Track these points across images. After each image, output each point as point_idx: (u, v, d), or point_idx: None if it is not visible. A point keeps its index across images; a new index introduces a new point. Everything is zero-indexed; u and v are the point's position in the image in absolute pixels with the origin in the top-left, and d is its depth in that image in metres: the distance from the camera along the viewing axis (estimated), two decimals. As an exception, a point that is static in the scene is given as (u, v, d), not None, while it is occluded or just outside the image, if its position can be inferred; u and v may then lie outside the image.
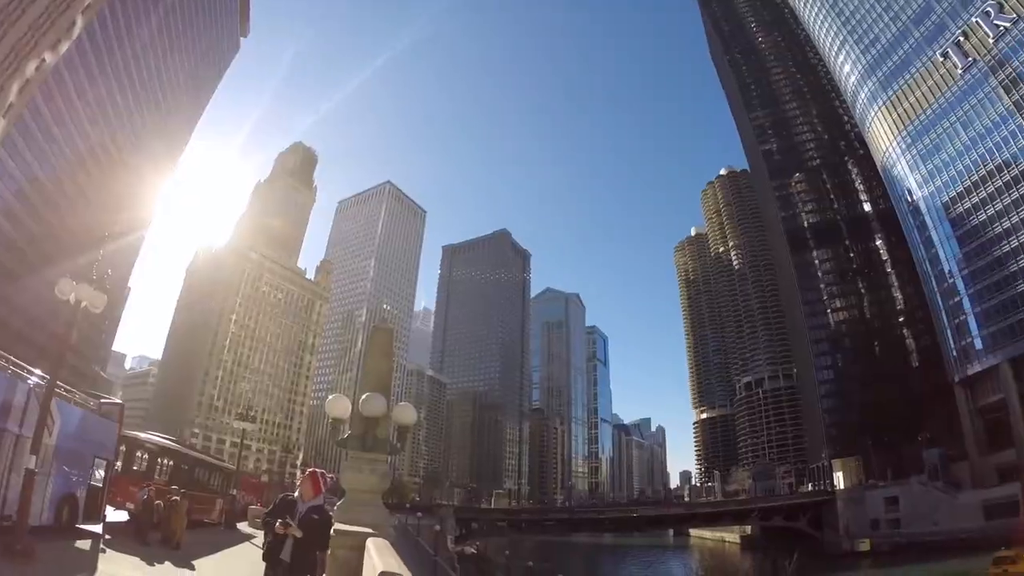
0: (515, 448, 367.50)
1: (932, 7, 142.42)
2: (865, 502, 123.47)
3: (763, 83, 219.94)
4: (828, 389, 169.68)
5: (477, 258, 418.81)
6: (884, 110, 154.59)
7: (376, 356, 16.59)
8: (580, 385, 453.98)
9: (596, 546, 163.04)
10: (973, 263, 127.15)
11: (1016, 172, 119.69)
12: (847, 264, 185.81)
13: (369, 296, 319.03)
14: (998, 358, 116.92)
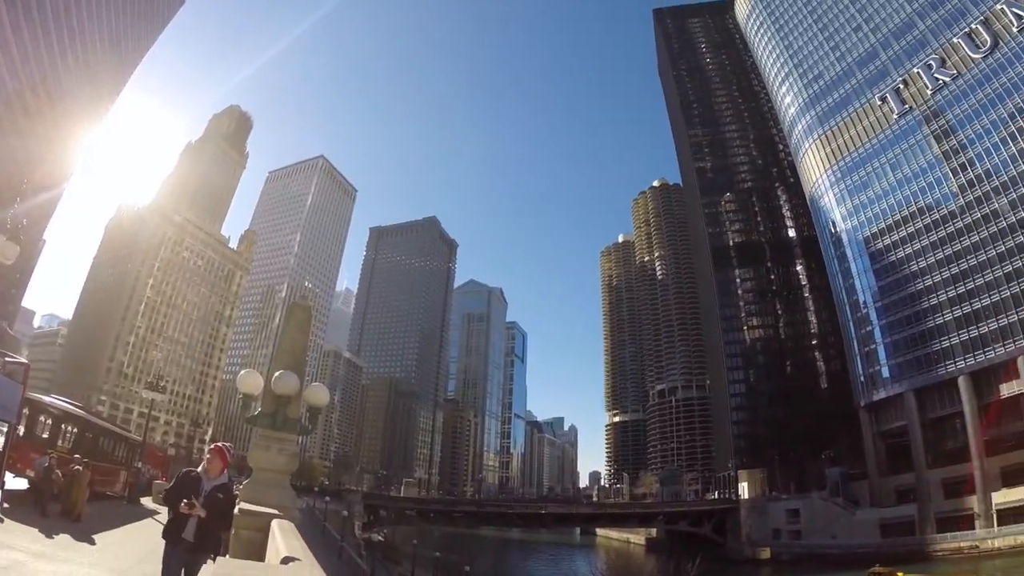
0: (428, 437, 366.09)
1: (878, 53, 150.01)
2: (768, 512, 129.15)
3: (705, 102, 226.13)
4: (739, 402, 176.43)
5: (404, 243, 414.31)
6: (819, 143, 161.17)
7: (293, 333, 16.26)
8: (496, 379, 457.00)
9: (504, 540, 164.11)
10: (887, 297, 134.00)
11: (936, 217, 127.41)
12: (767, 285, 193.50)
13: (291, 271, 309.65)
14: (903, 387, 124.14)
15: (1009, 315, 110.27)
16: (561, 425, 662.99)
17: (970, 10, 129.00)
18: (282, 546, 7.23)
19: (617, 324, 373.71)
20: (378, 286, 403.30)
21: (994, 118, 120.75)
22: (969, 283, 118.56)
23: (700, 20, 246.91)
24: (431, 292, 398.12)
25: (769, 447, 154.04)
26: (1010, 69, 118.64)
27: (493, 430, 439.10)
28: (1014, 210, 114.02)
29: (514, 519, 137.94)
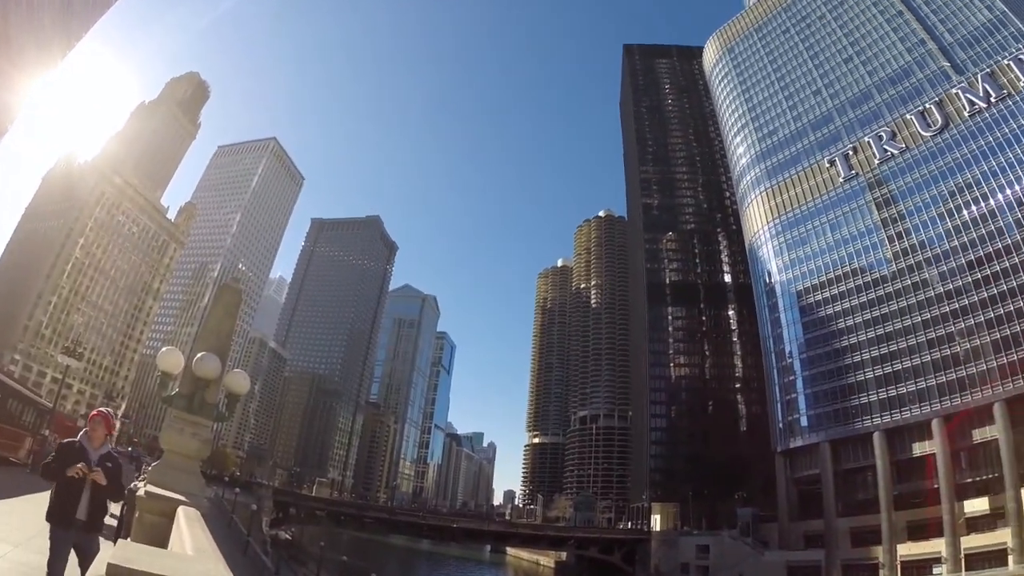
0: (345, 438, 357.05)
1: (832, 118, 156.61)
2: (678, 546, 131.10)
3: (660, 141, 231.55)
4: (658, 436, 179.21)
5: (344, 238, 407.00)
6: (765, 195, 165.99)
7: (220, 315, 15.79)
8: (420, 387, 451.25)
9: (413, 551, 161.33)
10: (813, 349, 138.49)
11: (869, 279, 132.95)
12: (698, 325, 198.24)
13: (227, 251, 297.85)
14: (820, 437, 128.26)
15: (927, 379, 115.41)
16: (480, 441, 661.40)
17: (927, 90, 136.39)
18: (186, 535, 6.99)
19: (546, 347, 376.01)
20: (312, 278, 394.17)
21: (935, 194, 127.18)
22: (892, 345, 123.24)
23: (668, 62, 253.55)
24: (365, 291, 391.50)
25: (684, 482, 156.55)
26: (956, 150, 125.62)
27: (412, 438, 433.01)
28: (943, 281, 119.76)
29: (425, 530, 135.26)
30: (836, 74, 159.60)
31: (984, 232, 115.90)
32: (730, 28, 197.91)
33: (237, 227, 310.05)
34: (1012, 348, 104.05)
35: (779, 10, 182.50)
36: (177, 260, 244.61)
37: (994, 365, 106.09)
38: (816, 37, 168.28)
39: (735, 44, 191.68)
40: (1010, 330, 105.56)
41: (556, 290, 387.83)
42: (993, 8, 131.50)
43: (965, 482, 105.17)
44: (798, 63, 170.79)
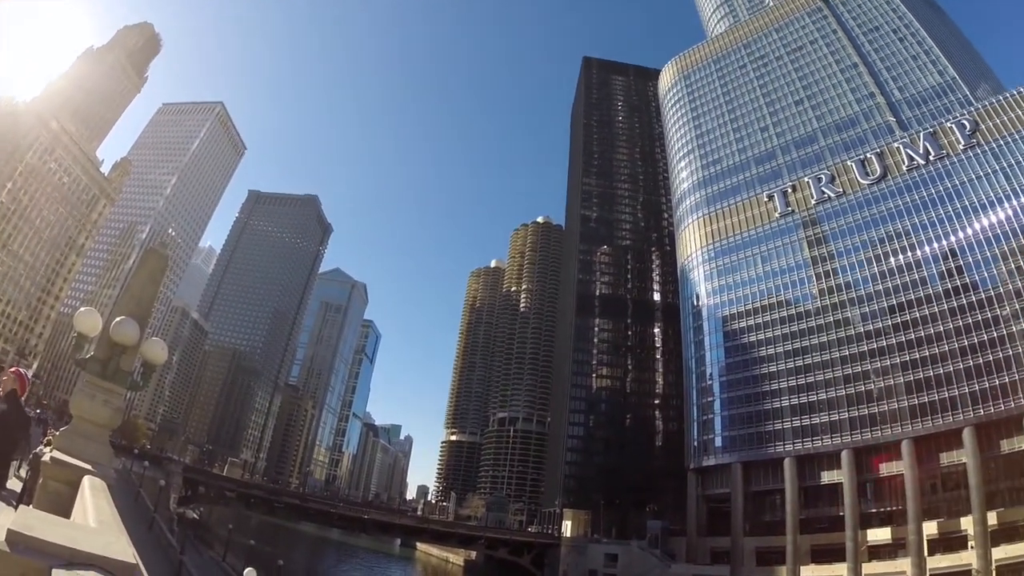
0: (261, 419, 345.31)
1: (776, 155, 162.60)
2: (587, 553, 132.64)
3: (606, 156, 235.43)
4: (575, 444, 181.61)
5: (279, 214, 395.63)
6: (702, 221, 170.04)
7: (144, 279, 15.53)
8: (342, 374, 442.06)
9: (322, 539, 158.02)
10: (733, 373, 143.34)
11: (793, 312, 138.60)
12: (623, 339, 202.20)
13: (158, 214, 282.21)
14: (733, 458, 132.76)
15: (840, 412, 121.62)
16: (398, 433, 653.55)
17: (870, 141, 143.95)
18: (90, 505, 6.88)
19: (471, 346, 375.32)
20: (243, 252, 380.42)
21: (865, 239, 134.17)
22: (810, 377, 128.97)
23: (624, 79, 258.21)
24: (295, 271, 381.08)
25: (597, 491, 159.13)
26: (890, 201, 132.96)
27: (329, 425, 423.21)
28: (864, 322, 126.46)
29: (336, 520, 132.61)
30: (785, 114, 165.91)
31: (908, 280, 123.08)
32: (689, 56, 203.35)
33: (172, 190, 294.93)
34: (924, 391, 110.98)
35: (739, 46, 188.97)
36: (106, 217, 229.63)
37: (905, 405, 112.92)
38: (771, 76, 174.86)
39: (692, 72, 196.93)
40: (923, 374, 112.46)
41: (487, 290, 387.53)
42: (945, 73, 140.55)
43: (869, 512, 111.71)
44: (750, 98, 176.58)
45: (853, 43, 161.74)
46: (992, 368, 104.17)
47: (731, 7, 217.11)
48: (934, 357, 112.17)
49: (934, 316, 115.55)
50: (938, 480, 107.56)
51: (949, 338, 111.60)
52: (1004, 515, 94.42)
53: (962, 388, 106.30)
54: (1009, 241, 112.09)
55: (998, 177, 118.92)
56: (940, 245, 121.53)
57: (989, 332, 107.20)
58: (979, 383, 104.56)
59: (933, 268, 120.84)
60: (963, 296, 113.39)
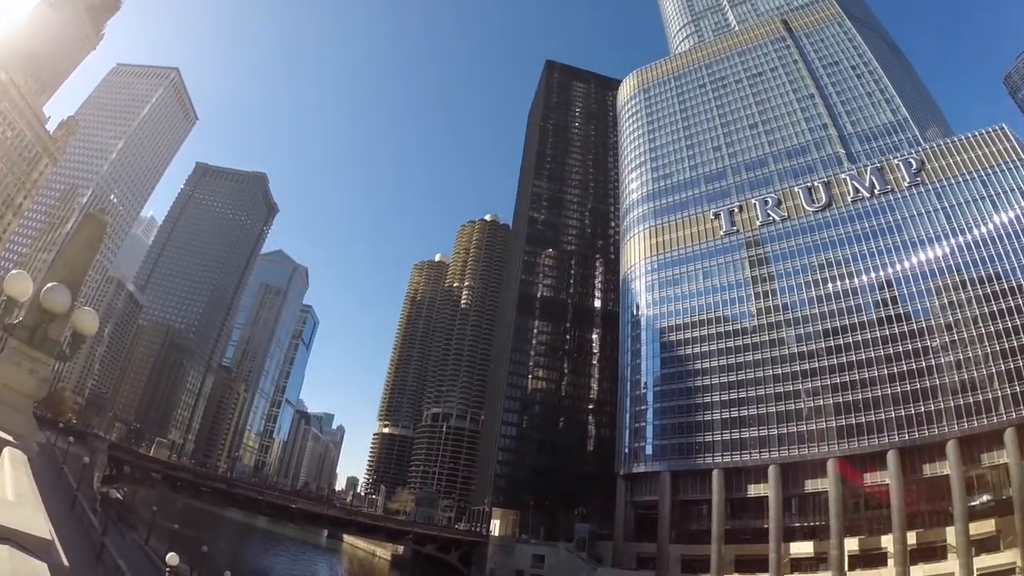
0: (192, 400, 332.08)
1: (726, 175, 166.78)
2: (515, 553, 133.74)
3: (559, 160, 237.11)
4: (507, 444, 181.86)
5: (226, 190, 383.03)
6: (648, 232, 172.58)
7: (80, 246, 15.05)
8: (277, 359, 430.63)
9: (249, 527, 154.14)
10: (667, 384, 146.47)
11: (731, 329, 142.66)
12: (561, 343, 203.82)
13: (101, 178, 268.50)
14: (662, 467, 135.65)
15: (770, 428, 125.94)
16: (330, 422, 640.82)
17: (818, 170, 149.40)
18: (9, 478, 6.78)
19: (409, 338, 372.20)
20: (185, 225, 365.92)
21: (806, 263, 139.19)
22: (742, 392, 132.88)
23: (584, 86, 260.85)
24: (237, 249, 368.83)
25: (527, 491, 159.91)
26: (833, 229, 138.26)
27: (260, 410, 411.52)
28: (798, 343, 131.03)
29: (263, 507, 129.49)
30: (739, 136, 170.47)
31: (844, 306, 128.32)
32: (650, 70, 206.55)
33: (117, 154, 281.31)
34: (852, 413, 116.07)
35: (700, 66, 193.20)
36: (47, 177, 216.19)
37: (833, 426, 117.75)
38: (729, 98, 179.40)
39: (652, 86, 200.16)
40: (852, 397, 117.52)
41: (429, 284, 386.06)
42: (897, 112, 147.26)
43: (794, 526, 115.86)
44: (706, 117, 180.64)
45: (812, 75, 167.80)
46: (919, 396, 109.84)
47: (697, 27, 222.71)
48: (864, 381, 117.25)
49: (867, 342, 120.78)
50: (861, 499, 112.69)
51: (880, 364, 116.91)
52: (923, 535, 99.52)
53: (889, 413, 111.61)
54: (944, 277, 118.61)
55: (939, 216, 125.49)
56: (878, 275, 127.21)
57: (919, 361, 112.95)
58: (905, 409, 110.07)
59: (869, 296, 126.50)
60: (896, 325, 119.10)
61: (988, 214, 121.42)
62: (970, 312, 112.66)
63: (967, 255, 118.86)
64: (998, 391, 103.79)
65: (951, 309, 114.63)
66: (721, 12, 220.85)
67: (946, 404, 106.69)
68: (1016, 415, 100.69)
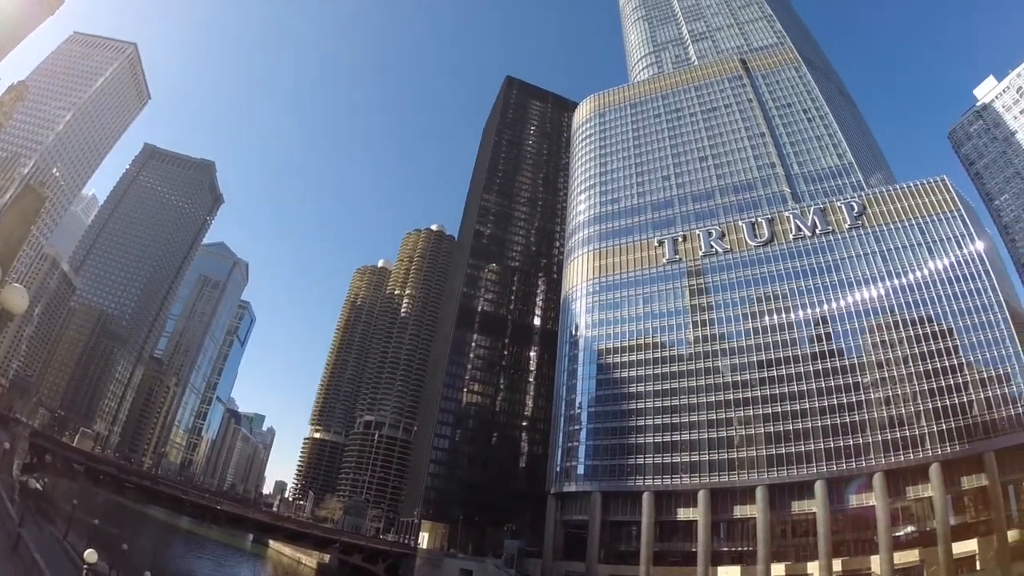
0: (120, 391, 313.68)
1: (673, 204, 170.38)
2: (443, 566, 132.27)
3: (510, 176, 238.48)
4: (439, 456, 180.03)
5: (172, 175, 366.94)
6: (591, 255, 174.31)
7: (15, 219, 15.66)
8: (210, 354, 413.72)
9: (172, 527, 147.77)
10: (602, 406, 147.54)
11: (668, 355, 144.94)
12: (498, 358, 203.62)
13: (45, 149, 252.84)
14: (593, 487, 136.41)
15: (701, 454, 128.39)
16: (261, 423, 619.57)
17: (762, 206, 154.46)
18: None
19: (347, 343, 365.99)
20: (127, 207, 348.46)
21: (744, 295, 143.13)
22: (676, 418, 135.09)
23: (542, 105, 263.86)
24: (178, 237, 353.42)
25: (457, 505, 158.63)
26: (773, 264, 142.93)
27: (190, 406, 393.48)
28: (733, 372, 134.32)
29: (188, 507, 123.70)
30: (688, 167, 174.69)
31: (779, 339, 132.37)
32: (608, 96, 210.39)
33: (65, 126, 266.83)
34: (782, 443, 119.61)
35: (658, 96, 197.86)
36: None
37: (763, 454, 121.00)
38: (682, 130, 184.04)
39: (608, 111, 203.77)
40: (783, 427, 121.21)
41: (370, 289, 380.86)
42: (843, 157, 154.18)
43: (722, 550, 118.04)
44: (658, 147, 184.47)
45: (765, 114, 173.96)
46: (849, 429, 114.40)
47: (658, 58, 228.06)
48: (796, 413, 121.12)
49: (800, 375, 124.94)
50: (789, 526, 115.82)
51: (812, 397, 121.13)
52: (848, 563, 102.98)
53: (818, 444, 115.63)
54: (878, 317, 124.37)
55: (876, 258, 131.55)
56: (814, 311, 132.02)
57: (849, 396, 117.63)
58: (835, 441, 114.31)
59: (804, 332, 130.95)
60: (829, 361, 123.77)
61: (924, 260, 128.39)
62: (901, 352, 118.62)
63: (901, 297, 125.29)
64: (924, 428, 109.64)
65: (883, 348, 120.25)
66: (683, 46, 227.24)
67: (874, 438, 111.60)
68: (942, 451, 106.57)
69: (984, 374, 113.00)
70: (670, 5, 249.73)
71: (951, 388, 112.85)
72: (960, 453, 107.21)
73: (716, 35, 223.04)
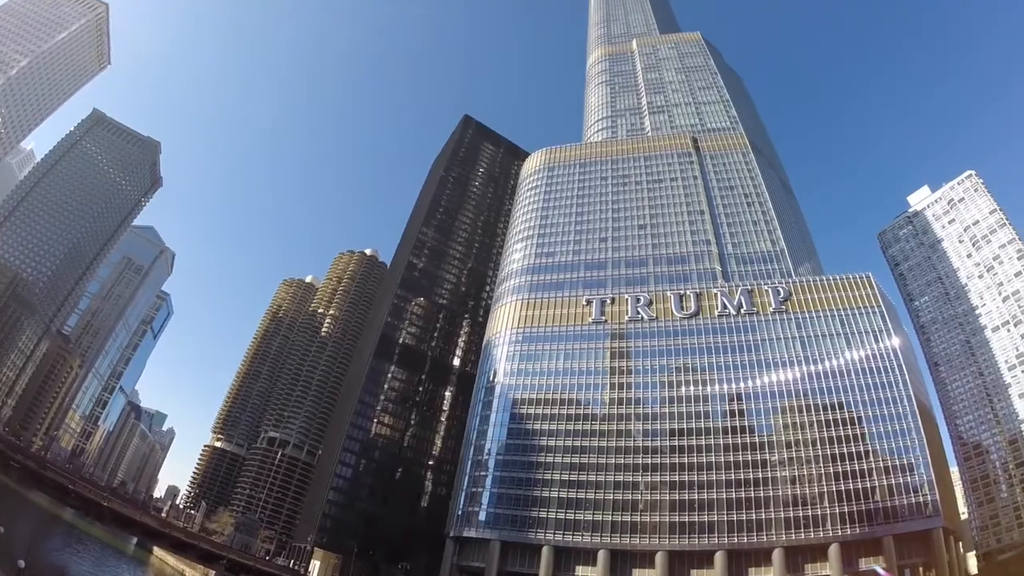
0: (20, 362, 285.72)
1: (606, 266, 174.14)
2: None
3: (451, 213, 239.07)
4: (341, 484, 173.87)
5: (116, 147, 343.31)
6: (519, 304, 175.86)
7: None
8: (121, 341, 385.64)
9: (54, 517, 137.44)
10: (511, 455, 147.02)
11: (583, 412, 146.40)
12: (413, 393, 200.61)
13: None
14: (493, 535, 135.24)
15: (604, 514, 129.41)
16: (162, 422, 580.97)
17: (692, 280, 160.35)
18: None
19: (263, 354, 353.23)
20: (63, 170, 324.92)
21: (664, 364, 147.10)
22: (583, 476, 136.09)
23: (494, 149, 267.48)
24: (108, 212, 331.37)
25: (352, 537, 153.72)
26: (695, 337, 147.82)
27: (91, 392, 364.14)
28: (645, 437, 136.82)
29: (73, 498, 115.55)
30: (626, 232, 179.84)
31: (694, 410, 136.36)
32: (560, 151, 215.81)
33: (18, 72, 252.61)
34: (687, 511, 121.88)
35: (607, 159, 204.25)
36: None
37: (667, 520, 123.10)
38: (626, 196, 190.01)
39: (557, 166, 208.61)
40: (689, 496, 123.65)
41: (294, 303, 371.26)
42: (776, 244, 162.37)
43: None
44: (600, 209, 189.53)
45: (707, 193, 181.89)
46: (753, 504, 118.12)
47: (614, 123, 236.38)
48: (703, 483, 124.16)
49: (710, 447, 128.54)
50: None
51: (719, 469, 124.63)
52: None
53: (722, 516, 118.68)
54: (791, 399, 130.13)
55: (795, 343, 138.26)
56: (730, 387, 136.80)
57: (756, 472, 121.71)
58: (738, 514, 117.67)
59: (719, 405, 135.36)
60: (740, 436, 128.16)
61: (841, 349, 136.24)
62: (811, 434, 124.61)
63: (816, 383, 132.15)
64: (827, 509, 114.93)
65: (793, 429, 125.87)
66: (640, 116, 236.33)
67: (777, 515, 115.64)
68: (842, 532, 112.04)
69: (889, 462, 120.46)
70: (635, 75, 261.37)
71: (856, 473, 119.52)
72: (860, 536, 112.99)
73: (673, 111, 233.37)
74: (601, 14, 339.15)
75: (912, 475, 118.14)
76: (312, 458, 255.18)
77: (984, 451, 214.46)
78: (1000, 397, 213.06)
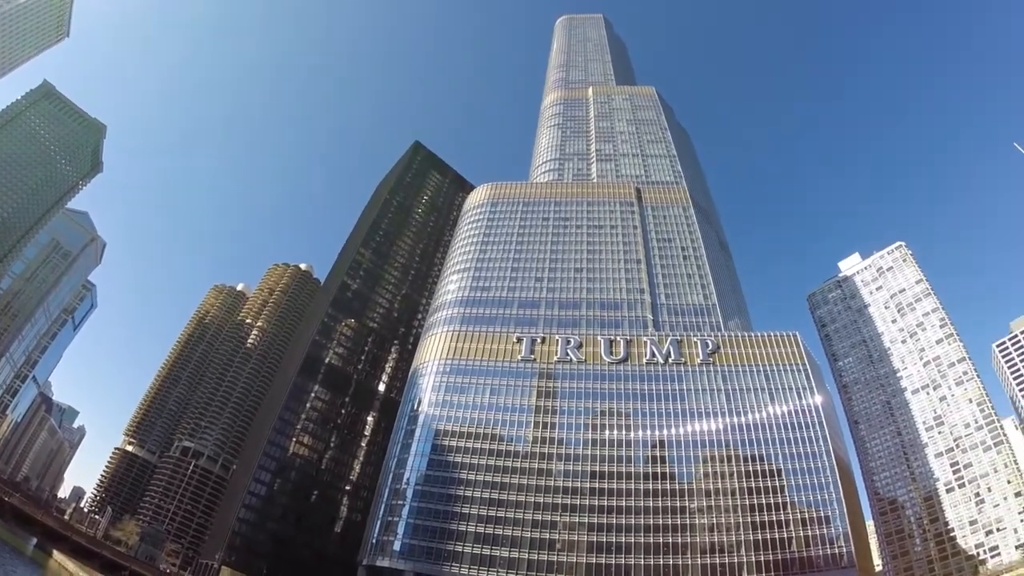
0: None
1: (539, 305, 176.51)
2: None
3: (390, 238, 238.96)
4: (253, 502, 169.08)
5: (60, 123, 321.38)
6: (449, 335, 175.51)
7: None
8: (39, 327, 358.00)
9: None
10: (430, 486, 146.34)
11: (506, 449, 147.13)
12: (335, 415, 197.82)
13: None
14: (408, 566, 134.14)
15: (523, 552, 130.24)
16: (73, 419, 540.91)
17: (623, 327, 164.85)
18: None
19: (184, 359, 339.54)
20: (9, 139, 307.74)
21: (589, 406, 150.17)
22: (502, 512, 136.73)
23: (440, 178, 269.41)
24: (43, 191, 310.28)
25: (262, 558, 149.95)
26: (622, 382, 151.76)
27: (2, 377, 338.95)
28: (566, 478, 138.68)
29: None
30: (563, 275, 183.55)
31: (616, 454, 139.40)
32: (505, 187, 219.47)
33: None
34: (604, 553, 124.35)
35: (550, 200, 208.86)
36: None
37: (583, 561, 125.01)
38: (565, 239, 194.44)
39: (501, 202, 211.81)
40: (607, 538, 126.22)
41: (222, 310, 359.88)
42: (708, 298, 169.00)
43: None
44: (539, 248, 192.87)
45: (645, 243, 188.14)
46: (671, 549, 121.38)
47: (561, 166, 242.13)
48: (621, 527, 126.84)
49: (631, 492, 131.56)
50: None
51: (639, 514, 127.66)
52: None
53: (639, 559, 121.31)
54: (713, 449, 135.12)
55: (719, 395, 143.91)
56: (653, 434, 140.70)
57: (675, 518, 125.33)
58: (655, 559, 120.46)
59: (641, 451, 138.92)
60: (661, 482, 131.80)
61: (765, 404, 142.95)
62: (731, 484, 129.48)
63: (738, 434, 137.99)
64: (744, 557, 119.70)
65: (714, 478, 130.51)
66: (587, 161, 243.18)
67: (695, 561, 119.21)
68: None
69: (806, 514, 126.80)
70: (587, 122, 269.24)
71: (774, 524, 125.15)
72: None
73: (620, 160, 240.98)
74: (562, 58, 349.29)
75: (829, 527, 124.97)
76: (226, 472, 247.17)
77: (900, 506, 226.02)
78: (916, 456, 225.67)
